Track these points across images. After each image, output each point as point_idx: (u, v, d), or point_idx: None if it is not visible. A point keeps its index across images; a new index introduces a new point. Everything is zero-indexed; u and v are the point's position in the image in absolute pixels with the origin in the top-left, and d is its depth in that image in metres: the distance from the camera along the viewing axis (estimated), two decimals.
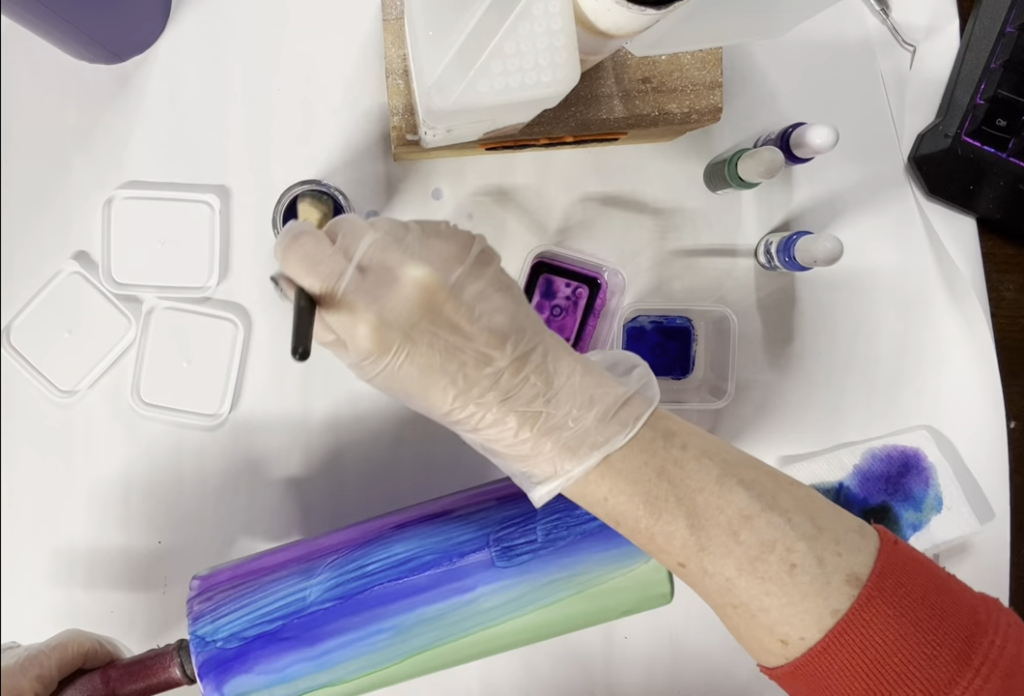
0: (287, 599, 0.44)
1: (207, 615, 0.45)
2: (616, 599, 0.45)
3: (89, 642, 0.46)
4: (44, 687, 0.42)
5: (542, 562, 0.44)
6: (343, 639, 0.43)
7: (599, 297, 0.61)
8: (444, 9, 0.38)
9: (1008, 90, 0.60)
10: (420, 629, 0.44)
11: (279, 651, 0.43)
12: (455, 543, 0.45)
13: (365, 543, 0.46)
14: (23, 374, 0.59)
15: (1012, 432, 0.63)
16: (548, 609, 0.44)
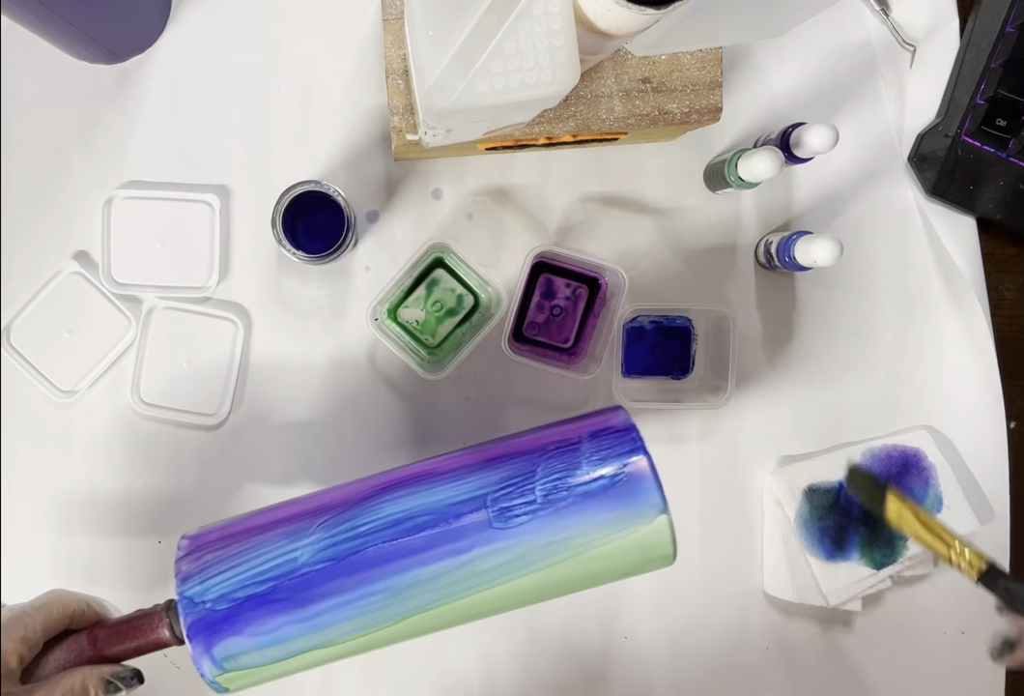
0: (278, 560, 0.43)
1: (195, 575, 0.43)
2: (617, 561, 0.44)
3: (75, 602, 0.44)
4: (28, 648, 0.41)
5: (541, 523, 0.43)
6: (335, 601, 0.42)
7: (599, 297, 0.61)
8: (444, 9, 0.38)
9: (1008, 90, 0.60)
10: (415, 591, 0.43)
11: (270, 613, 0.42)
12: (451, 503, 0.44)
13: (358, 503, 0.45)
14: (23, 374, 0.59)
15: (1012, 432, 0.63)
16: (547, 571, 0.43)
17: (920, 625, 0.62)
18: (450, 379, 0.60)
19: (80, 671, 0.42)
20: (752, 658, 0.62)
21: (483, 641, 0.61)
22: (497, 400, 0.61)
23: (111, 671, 0.43)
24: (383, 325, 0.60)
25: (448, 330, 0.61)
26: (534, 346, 0.61)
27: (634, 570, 0.45)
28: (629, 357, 0.62)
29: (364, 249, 0.61)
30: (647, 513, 0.43)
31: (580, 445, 0.45)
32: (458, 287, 0.60)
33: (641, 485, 0.43)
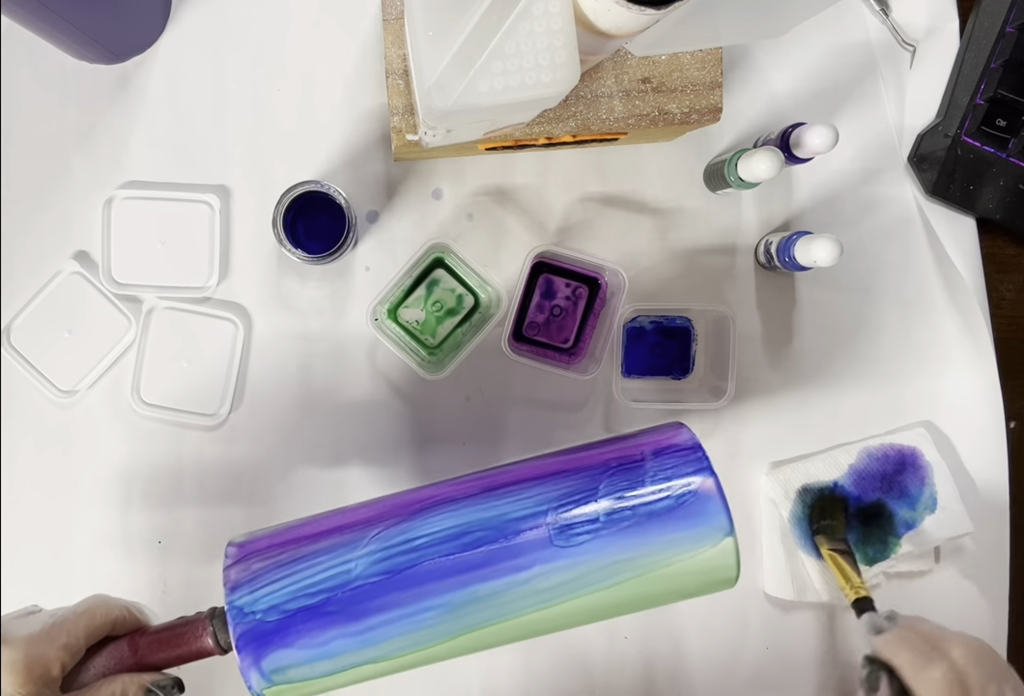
0: (331, 571, 0.42)
1: (244, 585, 0.42)
2: (679, 583, 0.43)
3: (117, 609, 0.43)
4: (71, 656, 0.41)
5: (603, 543, 0.42)
6: (390, 615, 0.41)
7: (599, 297, 0.61)
8: (444, 9, 0.38)
9: (1008, 90, 0.60)
10: (472, 608, 0.41)
11: (322, 626, 0.41)
12: (510, 519, 0.42)
13: (413, 515, 0.44)
14: (23, 374, 0.59)
15: (1011, 432, 0.63)
16: (608, 591, 0.42)
17: None
18: (450, 379, 0.60)
19: (120, 679, 0.41)
20: (752, 658, 0.62)
21: None
22: (497, 400, 0.61)
23: (151, 679, 0.42)
24: (383, 325, 0.60)
25: (448, 330, 0.61)
26: (534, 346, 0.61)
27: (695, 592, 0.44)
28: (629, 357, 0.62)
29: (364, 249, 0.61)
30: (713, 535, 0.42)
31: (643, 463, 0.44)
32: (458, 287, 0.60)
33: (708, 506, 0.42)
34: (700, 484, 0.43)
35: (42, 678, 0.39)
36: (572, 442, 0.61)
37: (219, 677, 0.59)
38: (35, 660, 0.39)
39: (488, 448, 0.61)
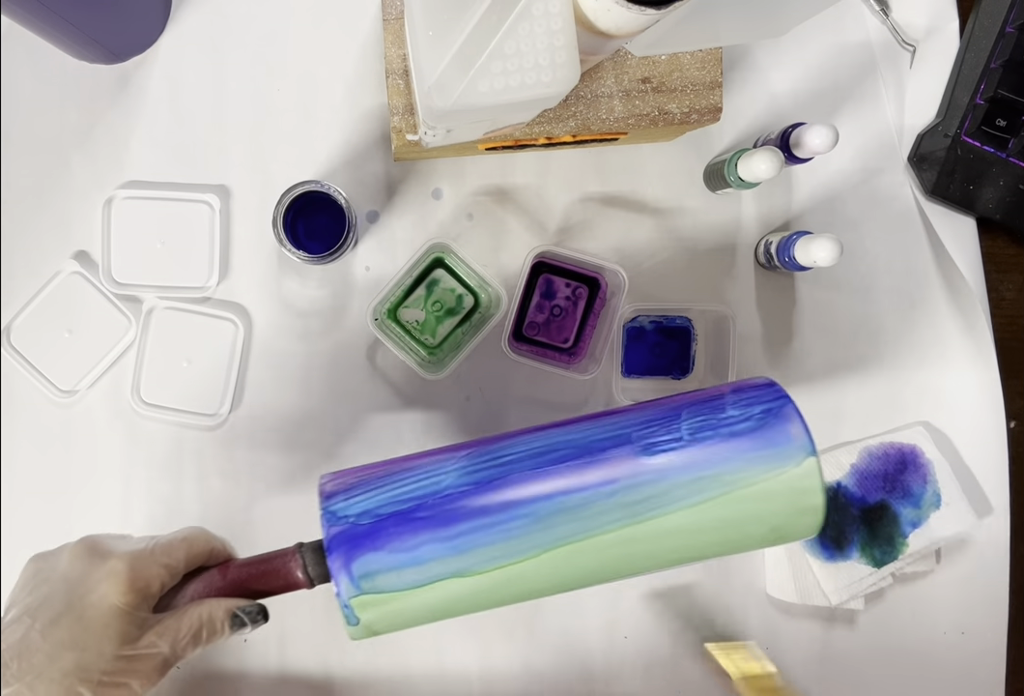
0: (422, 482, 0.43)
1: (339, 494, 0.43)
2: (764, 507, 0.42)
3: (215, 540, 0.45)
4: (170, 576, 0.42)
5: (688, 457, 0.42)
6: (479, 522, 0.41)
7: (599, 297, 0.61)
8: (444, 9, 0.38)
9: (1008, 90, 0.60)
10: (559, 518, 0.41)
11: (412, 530, 0.41)
12: (595, 439, 0.43)
13: (500, 439, 0.45)
14: (23, 374, 0.59)
15: (1012, 432, 0.63)
16: (694, 510, 0.42)
17: (920, 625, 0.62)
18: (450, 379, 0.60)
19: (208, 602, 0.42)
20: None
21: (483, 641, 0.61)
22: (497, 400, 0.61)
23: (238, 605, 0.42)
24: (383, 325, 0.60)
25: (448, 330, 0.61)
26: (534, 346, 0.61)
27: (781, 526, 0.43)
28: (629, 357, 0.62)
29: (364, 249, 0.61)
30: (795, 455, 0.42)
31: (723, 396, 0.45)
32: (458, 287, 0.60)
33: (788, 427, 0.43)
34: (779, 408, 0.43)
35: (142, 591, 0.40)
36: None
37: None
38: (138, 573, 0.40)
39: None
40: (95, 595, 0.40)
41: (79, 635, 0.39)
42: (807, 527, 0.43)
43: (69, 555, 0.42)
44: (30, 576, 0.42)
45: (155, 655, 0.40)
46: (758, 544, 0.44)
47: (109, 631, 0.39)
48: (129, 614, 0.40)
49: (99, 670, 0.38)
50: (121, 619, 0.39)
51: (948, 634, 0.62)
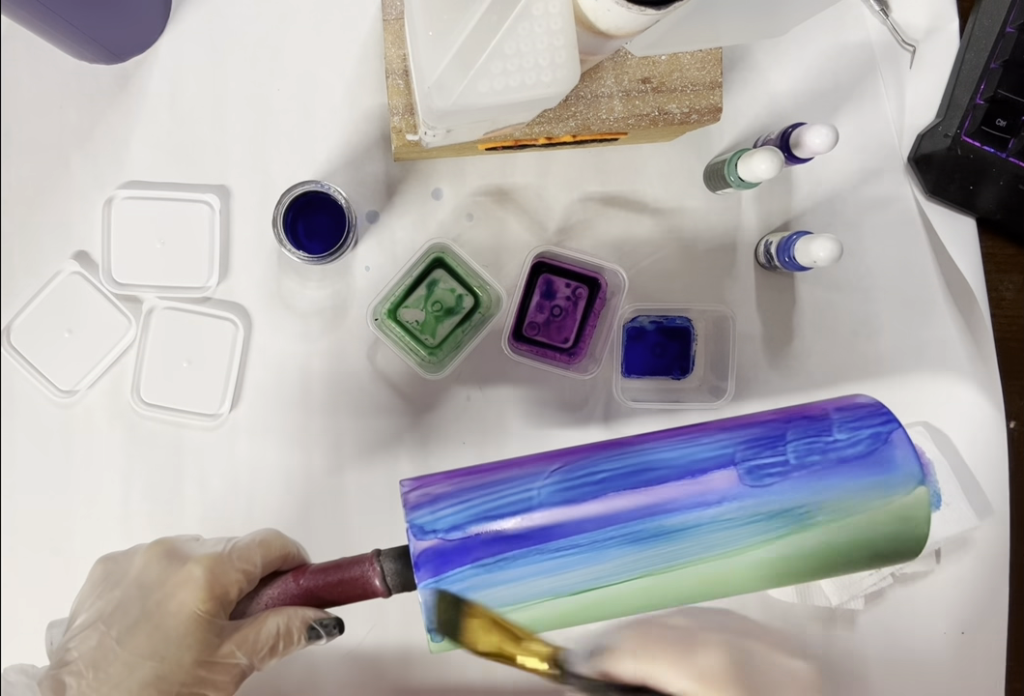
0: (512, 497, 0.40)
1: (425, 506, 0.41)
2: (870, 534, 0.41)
3: (291, 544, 0.43)
4: (248, 581, 0.40)
5: (794, 484, 0.40)
6: (575, 541, 0.39)
7: (599, 297, 0.61)
8: (444, 9, 0.38)
9: (1008, 90, 0.60)
10: (656, 541, 0.39)
11: (506, 548, 0.39)
12: (696, 459, 0.41)
13: (593, 452, 0.43)
14: (23, 374, 0.59)
15: (1012, 432, 0.63)
16: (798, 537, 0.40)
17: (920, 625, 0.62)
18: (450, 379, 0.60)
19: (285, 612, 0.41)
20: None
21: None
22: (497, 400, 0.61)
23: (315, 616, 0.41)
24: (383, 325, 0.60)
25: (448, 330, 0.61)
26: (534, 346, 0.61)
27: (883, 551, 0.41)
28: (629, 357, 0.61)
29: (364, 249, 0.61)
30: (906, 483, 0.40)
31: (828, 416, 0.43)
32: (458, 287, 0.60)
33: (898, 454, 0.41)
34: (889, 433, 0.42)
35: (221, 598, 0.39)
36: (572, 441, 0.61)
37: None
38: (217, 579, 0.39)
39: (488, 448, 0.61)
40: (174, 602, 0.38)
41: (158, 644, 0.37)
42: (908, 554, 0.42)
43: (143, 558, 0.40)
44: (99, 579, 0.41)
45: (233, 666, 0.39)
46: (856, 569, 0.42)
47: (188, 640, 0.38)
48: (208, 622, 0.38)
49: (178, 681, 0.37)
50: (200, 628, 0.38)
51: (948, 634, 0.62)
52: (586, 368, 0.59)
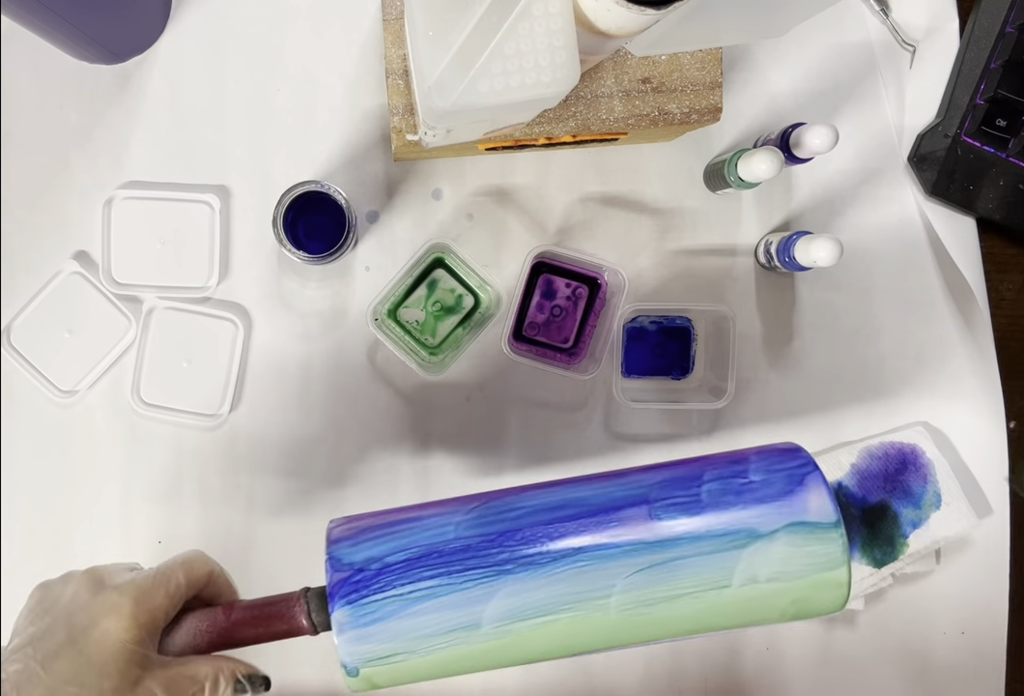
0: (430, 531, 0.42)
1: (346, 539, 0.42)
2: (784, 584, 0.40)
3: (213, 564, 0.44)
4: (174, 605, 0.41)
5: (705, 521, 0.40)
6: (486, 571, 0.40)
7: (599, 297, 0.61)
8: (444, 9, 0.38)
9: (1008, 90, 0.60)
10: (571, 576, 0.40)
11: (419, 579, 0.40)
12: (611, 498, 0.42)
13: (511, 493, 0.43)
14: (23, 374, 0.59)
15: (1012, 432, 0.63)
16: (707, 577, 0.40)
17: (920, 625, 0.62)
18: (450, 379, 0.60)
19: (215, 662, 0.41)
20: (752, 658, 0.62)
21: None
22: (497, 400, 0.61)
23: (246, 671, 0.42)
24: (383, 325, 0.60)
25: (448, 330, 0.61)
26: (534, 346, 0.61)
27: (802, 599, 0.41)
28: (629, 357, 0.62)
29: (364, 249, 0.61)
30: (820, 525, 0.40)
31: (748, 459, 0.43)
32: (458, 287, 0.60)
33: (810, 495, 0.41)
34: (803, 475, 0.42)
35: (148, 625, 0.39)
36: (572, 441, 0.61)
37: None
38: (142, 606, 0.39)
39: (488, 448, 0.61)
40: (98, 630, 0.38)
41: (80, 670, 0.38)
42: (831, 602, 0.41)
43: (74, 586, 0.41)
44: (35, 604, 0.41)
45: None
46: (778, 616, 0.42)
47: (109, 668, 0.38)
48: (132, 651, 0.38)
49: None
50: (123, 656, 0.38)
51: (948, 634, 0.62)
52: (586, 368, 0.59)
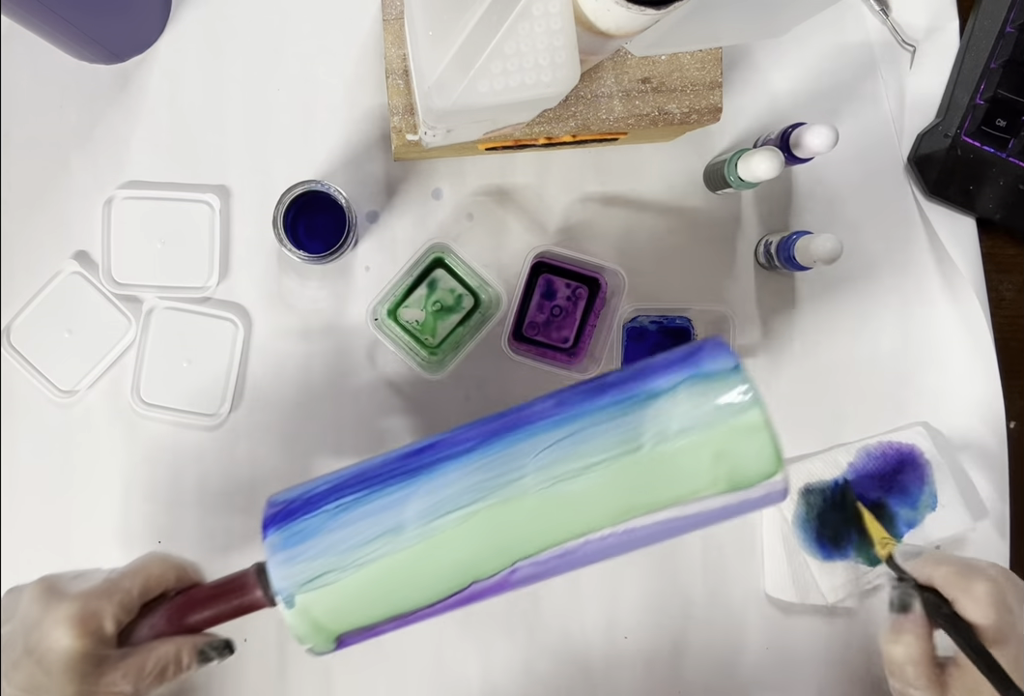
0: (356, 467, 0.43)
1: (281, 493, 0.44)
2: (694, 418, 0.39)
3: (173, 567, 0.44)
4: (125, 612, 0.41)
5: (597, 387, 0.42)
6: (408, 477, 0.41)
7: (599, 297, 0.61)
8: (444, 9, 0.38)
9: (1008, 90, 0.60)
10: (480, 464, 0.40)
11: (342, 496, 0.41)
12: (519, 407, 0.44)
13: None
14: (23, 374, 0.59)
15: (1011, 432, 0.63)
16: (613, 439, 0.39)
17: None
18: (450, 379, 0.60)
19: (174, 640, 0.41)
20: (752, 658, 0.62)
21: (483, 642, 0.60)
22: (497, 400, 0.61)
23: (205, 641, 0.42)
24: (383, 325, 0.60)
25: (448, 330, 0.61)
26: (534, 346, 0.61)
27: (724, 452, 0.39)
28: (629, 357, 0.61)
29: (364, 249, 0.61)
30: (718, 373, 0.40)
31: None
32: (458, 287, 0.60)
33: (707, 351, 0.41)
34: (702, 342, 0.42)
35: (96, 633, 0.40)
36: None
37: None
38: (90, 615, 0.40)
39: None
40: (49, 640, 0.39)
41: (39, 680, 0.39)
42: (758, 454, 0.39)
43: (28, 596, 0.41)
44: (2, 610, 0.42)
45: (117, 694, 0.40)
46: (710, 482, 0.39)
47: (68, 675, 0.39)
48: (87, 656, 0.39)
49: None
50: (80, 661, 0.39)
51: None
52: (586, 368, 0.59)
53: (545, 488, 0.39)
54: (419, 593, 0.40)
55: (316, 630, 0.40)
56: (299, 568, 0.40)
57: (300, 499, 0.42)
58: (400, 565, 0.40)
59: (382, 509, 0.40)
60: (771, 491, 0.40)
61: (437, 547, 0.40)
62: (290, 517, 0.41)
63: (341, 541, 0.40)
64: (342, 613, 0.40)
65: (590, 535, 0.40)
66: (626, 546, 0.41)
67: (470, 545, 0.40)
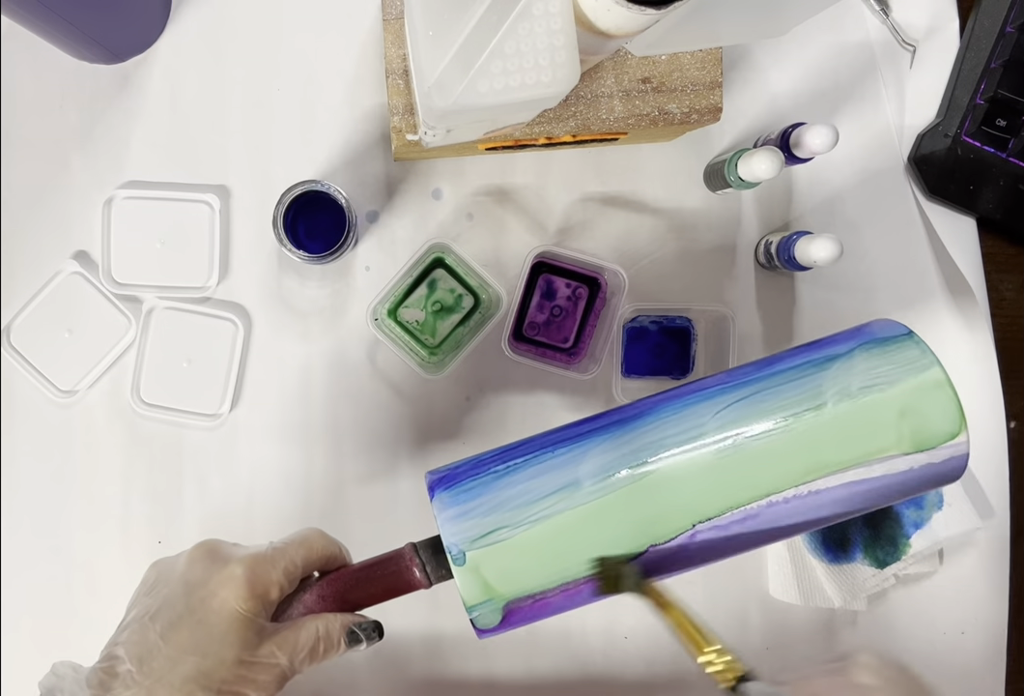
0: (514, 443, 0.43)
1: (440, 467, 0.43)
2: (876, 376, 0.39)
3: (332, 543, 0.44)
4: (289, 582, 0.41)
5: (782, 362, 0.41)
6: (577, 440, 0.40)
7: (599, 297, 0.61)
8: (444, 9, 0.38)
9: (1008, 90, 0.60)
10: (659, 423, 0.40)
11: (511, 457, 0.40)
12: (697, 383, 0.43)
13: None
14: (23, 374, 0.59)
15: (1012, 432, 0.63)
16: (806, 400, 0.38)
17: (920, 625, 0.62)
18: (450, 379, 0.60)
19: (325, 617, 0.41)
20: (752, 658, 0.61)
21: (483, 643, 0.60)
22: (497, 400, 0.61)
23: (354, 621, 0.42)
24: (383, 325, 0.60)
25: (448, 330, 0.61)
26: (534, 346, 0.61)
27: (910, 407, 0.38)
28: (629, 357, 0.61)
29: (364, 249, 0.61)
30: (892, 338, 0.40)
31: None
32: (458, 287, 0.60)
33: (877, 323, 0.42)
34: (868, 322, 0.43)
35: (262, 597, 0.39)
36: None
37: None
38: (258, 579, 0.39)
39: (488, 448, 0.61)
40: (216, 600, 0.39)
41: (200, 640, 0.38)
42: (944, 411, 0.38)
43: (188, 558, 0.41)
44: (151, 580, 0.42)
45: (274, 666, 0.39)
46: (895, 438, 0.38)
47: (230, 637, 0.38)
48: (249, 620, 0.39)
49: (219, 678, 0.37)
50: (241, 626, 0.38)
51: (948, 634, 0.62)
52: (586, 368, 0.59)
53: (726, 445, 0.38)
54: (597, 551, 0.39)
55: (485, 591, 0.39)
56: (470, 524, 0.39)
57: (467, 464, 0.41)
58: (575, 522, 0.38)
59: (556, 467, 0.39)
60: (954, 455, 0.39)
61: (614, 504, 0.38)
62: (458, 478, 0.40)
63: (514, 497, 0.39)
64: (513, 573, 0.39)
65: (773, 496, 0.38)
66: (811, 512, 0.39)
67: (648, 503, 0.38)
